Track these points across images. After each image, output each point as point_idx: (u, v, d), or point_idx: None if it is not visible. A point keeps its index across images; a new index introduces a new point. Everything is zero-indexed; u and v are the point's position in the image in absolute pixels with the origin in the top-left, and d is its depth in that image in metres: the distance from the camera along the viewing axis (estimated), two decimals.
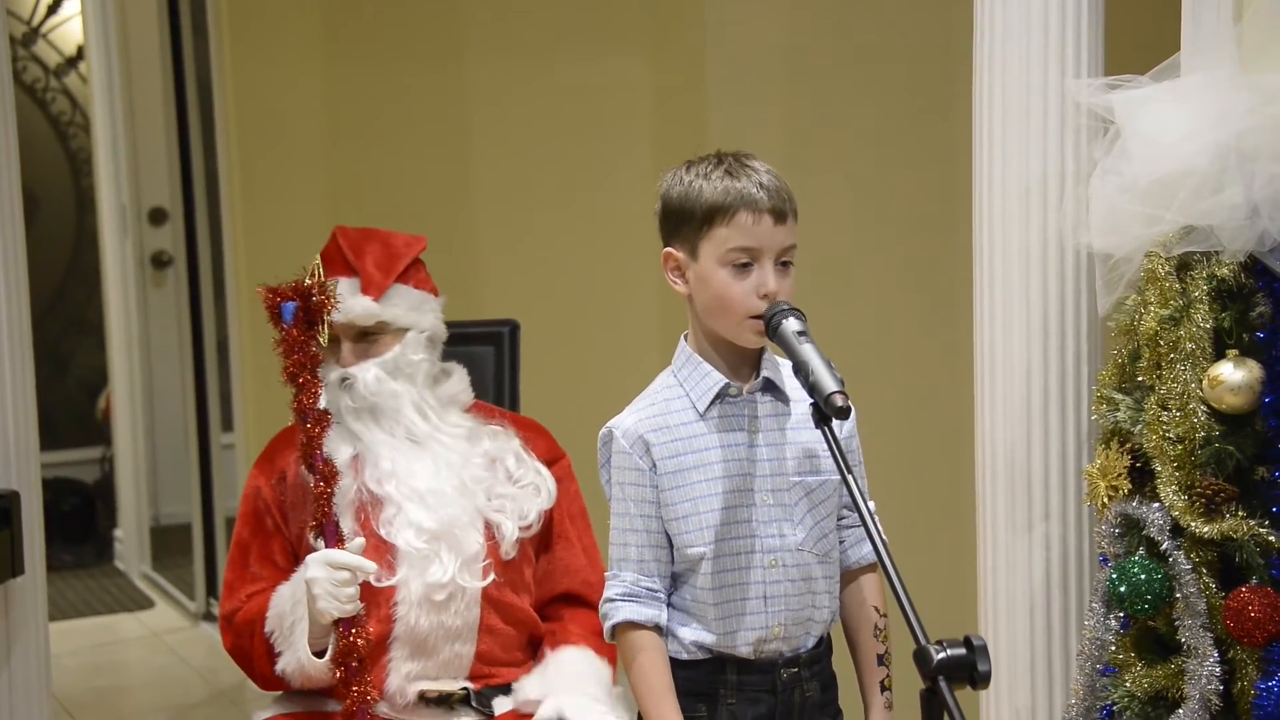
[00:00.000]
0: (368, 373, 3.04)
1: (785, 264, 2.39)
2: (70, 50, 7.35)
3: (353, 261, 3.09)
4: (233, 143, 5.08)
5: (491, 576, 3.01)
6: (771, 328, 2.34)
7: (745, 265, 2.36)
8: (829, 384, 2.24)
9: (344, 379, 3.04)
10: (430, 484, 3.02)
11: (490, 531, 3.04)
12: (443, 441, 3.07)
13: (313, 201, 4.92)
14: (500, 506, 3.05)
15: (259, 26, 4.97)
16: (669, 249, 2.44)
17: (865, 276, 4.22)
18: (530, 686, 3.00)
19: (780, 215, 2.37)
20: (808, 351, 2.28)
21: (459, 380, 3.18)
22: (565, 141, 4.84)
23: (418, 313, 3.12)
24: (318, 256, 3.07)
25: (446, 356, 3.20)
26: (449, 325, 3.20)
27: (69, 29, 7.34)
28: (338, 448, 3.02)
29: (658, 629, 2.43)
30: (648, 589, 2.43)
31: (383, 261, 3.10)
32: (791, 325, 2.32)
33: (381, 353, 3.07)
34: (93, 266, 7.07)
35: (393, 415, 3.06)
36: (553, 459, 3.18)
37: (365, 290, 3.07)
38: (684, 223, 2.40)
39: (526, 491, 3.08)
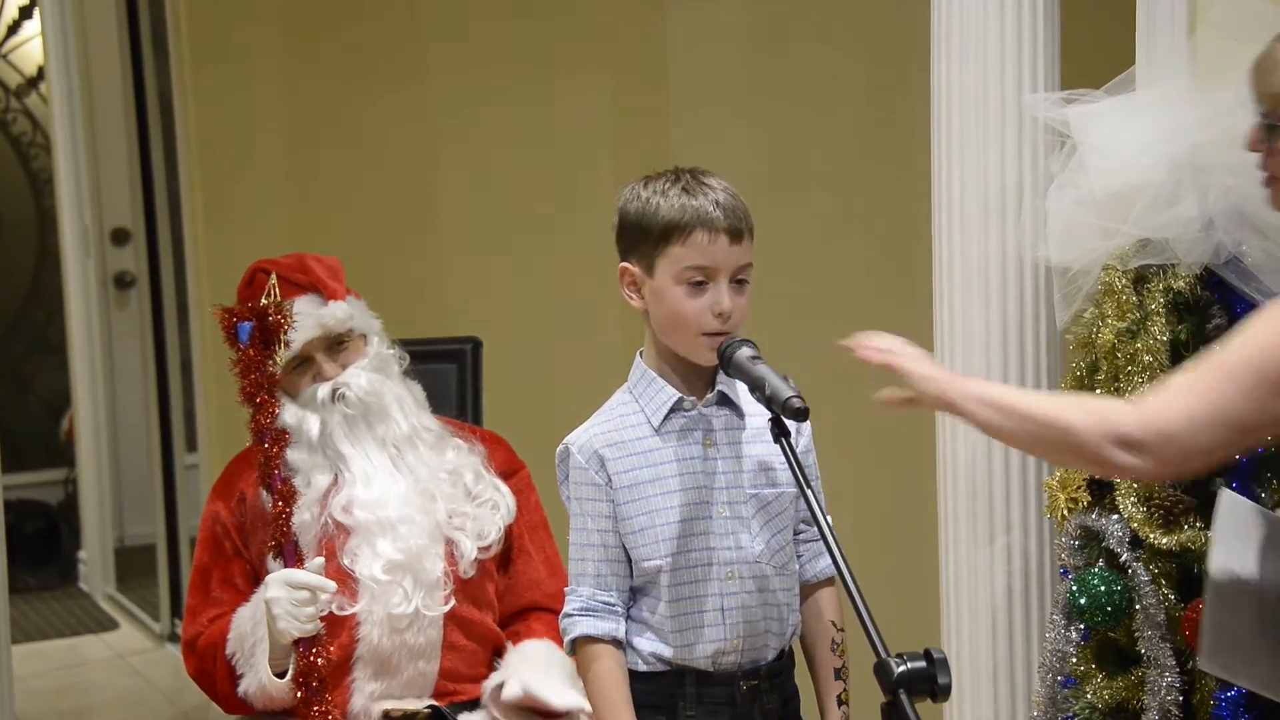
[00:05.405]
0: (358, 378, 3.03)
1: (740, 282, 2.40)
2: (31, 71, 7.32)
3: (302, 280, 3.07)
4: (195, 162, 5.05)
5: (452, 603, 3.00)
6: (725, 360, 2.36)
7: (700, 284, 2.37)
8: (785, 390, 2.26)
9: (335, 390, 3.02)
10: (401, 511, 3.00)
11: (450, 550, 3.03)
12: (417, 449, 3.06)
13: (275, 221, 4.90)
14: (460, 524, 3.04)
15: (221, 46, 4.95)
16: (625, 264, 2.44)
17: (825, 289, 4.23)
18: (493, 679, 3.00)
19: (736, 234, 2.38)
20: (763, 369, 2.30)
21: (418, 388, 3.17)
22: (528, 159, 4.84)
23: (367, 316, 3.12)
24: (273, 276, 3.06)
25: (409, 374, 3.19)
26: (410, 344, 3.20)
27: (29, 49, 7.31)
28: (314, 477, 3.01)
29: (615, 642, 2.43)
30: (604, 603, 2.43)
31: (330, 274, 3.10)
32: (745, 353, 2.34)
33: (356, 358, 3.06)
34: (55, 287, 7.03)
35: (382, 415, 3.04)
36: (511, 470, 3.17)
37: (330, 299, 3.06)
38: (640, 239, 2.40)
39: (485, 509, 3.07)
